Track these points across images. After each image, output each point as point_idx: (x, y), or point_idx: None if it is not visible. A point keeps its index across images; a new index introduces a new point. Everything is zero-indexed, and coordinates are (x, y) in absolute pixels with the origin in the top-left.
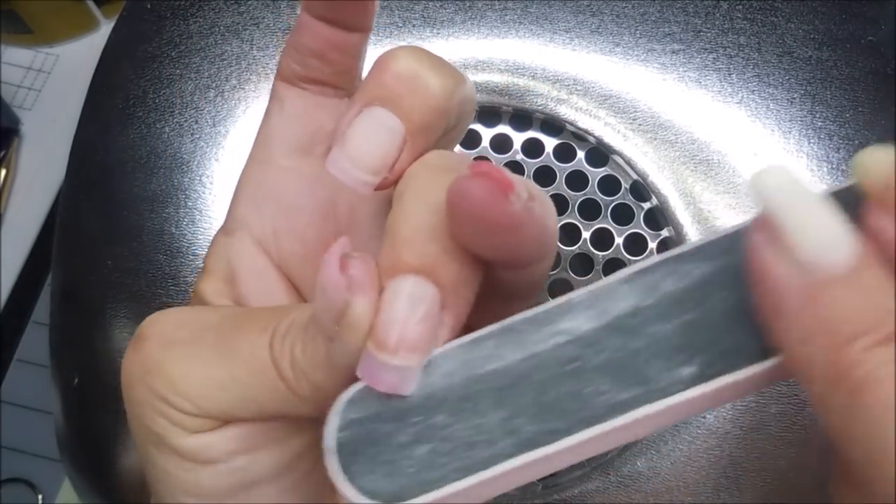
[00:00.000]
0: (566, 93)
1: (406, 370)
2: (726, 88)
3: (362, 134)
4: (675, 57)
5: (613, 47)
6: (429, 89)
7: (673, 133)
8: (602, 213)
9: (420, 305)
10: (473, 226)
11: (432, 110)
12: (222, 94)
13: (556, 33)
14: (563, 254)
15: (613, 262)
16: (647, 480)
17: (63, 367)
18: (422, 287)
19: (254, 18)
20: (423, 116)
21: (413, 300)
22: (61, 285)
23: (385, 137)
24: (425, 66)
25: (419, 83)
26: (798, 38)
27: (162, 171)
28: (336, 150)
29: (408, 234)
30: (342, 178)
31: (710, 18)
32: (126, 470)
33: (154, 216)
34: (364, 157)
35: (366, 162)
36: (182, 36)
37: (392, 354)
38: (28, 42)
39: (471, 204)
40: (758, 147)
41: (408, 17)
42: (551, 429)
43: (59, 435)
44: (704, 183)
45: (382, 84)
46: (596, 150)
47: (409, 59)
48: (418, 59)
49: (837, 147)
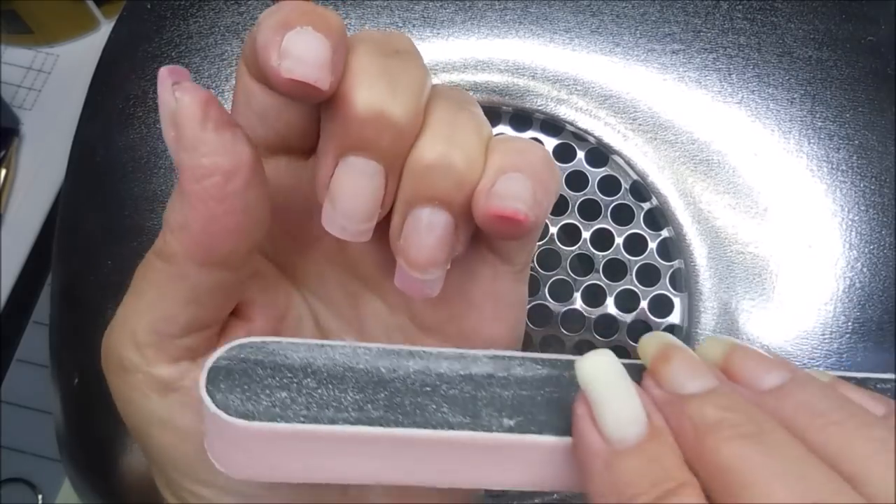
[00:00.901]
0: (566, 93)
1: (433, 280)
2: (726, 88)
3: (347, 189)
4: (675, 57)
5: (613, 47)
6: (396, 125)
7: (673, 133)
8: (602, 213)
9: (438, 230)
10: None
11: (404, 137)
12: (222, 94)
13: (556, 33)
14: (563, 254)
15: (613, 262)
16: None
17: (63, 367)
18: (438, 215)
19: (254, 18)
20: (397, 149)
21: (432, 226)
22: (61, 285)
23: (368, 185)
24: (386, 96)
25: (384, 122)
26: (798, 38)
27: (162, 171)
28: (328, 209)
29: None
30: (342, 235)
31: (710, 18)
32: (126, 470)
33: (154, 216)
34: (356, 212)
35: (358, 215)
36: (182, 36)
37: (422, 272)
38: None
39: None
40: (758, 147)
41: (408, 17)
42: (392, 419)
43: (59, 435)
44: (704, 183)
45: (349, 133)
46: (596, 150)
47: (368, 93)
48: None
49: (837, 147)
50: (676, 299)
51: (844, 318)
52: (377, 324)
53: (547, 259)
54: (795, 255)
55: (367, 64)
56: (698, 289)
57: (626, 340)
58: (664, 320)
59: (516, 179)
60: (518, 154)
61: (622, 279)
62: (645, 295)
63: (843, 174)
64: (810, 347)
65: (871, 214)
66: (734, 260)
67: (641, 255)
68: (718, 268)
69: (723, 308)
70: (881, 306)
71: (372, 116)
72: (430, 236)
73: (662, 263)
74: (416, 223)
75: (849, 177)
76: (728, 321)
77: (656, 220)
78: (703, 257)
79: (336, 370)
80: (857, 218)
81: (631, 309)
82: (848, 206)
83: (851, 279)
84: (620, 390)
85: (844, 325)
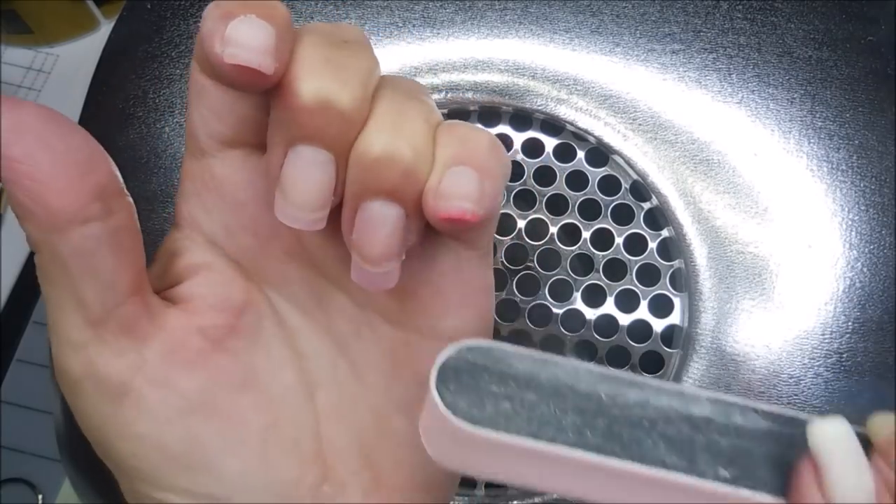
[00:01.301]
0: (566, 93)
1: (388, 273)
2: (726, 88)
3: (297, 179)
4: (675, 57)
5: (613, 47)
6: (344, 113)
7: (673, 133)
8: (602, 213)
9: (389, 223)
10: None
11: (351, 125)
12: None
13: (556, 33)
14: (563, 254)
15: (613, 262)
16: None
17: None
18: (388, 208)
19: None
20: (346, 137)
21: (383, 220)
22: None
23: (318, 174)
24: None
25: (331, 111)
26: (798, 38)
27: (162, 171)
28: (279, 200)
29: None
30: (295, 224)
31: (710, 18)
32: None
33: (154, 216)
34: (307, 201)
35: (310, 204)
36: (182, 36)
37: (376, 266)
38: (28, 42)
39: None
40: (758, 147)
41: (408, 17)
42: (609, 448)
43: (59, 435)
44: (704, 183)
45: (296, 122)
46: (596, 150)
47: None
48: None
49: (837, 147)
50: (676, 299)
51: (844, 318)
52: (344, 320)
53: (547, 259)
54: (795, 255)
55: (313, 53)
56: (698, 289)
57: (627, 340)
58: (664, 320)
59: (461, 174)
60: (462, 144)
61: (622, 279)
62: (645, 295)
63: (843, 174)
64: (810, 347)
65: (871, 214)
66: (734, 260)
67: (641, 255)
68: (718, 268)
69: (723, 308)
70: (881, 306)
71: (318, 105)
72: (381, 230)
73: (662, 263)
74: (367, 217)
75: (849, 177)
76: (728, 321)
77: (656, 220)
78: (703, 257)
79: (558, 388)
80: (857, 218)
81: (631, 309)
82: (848, 206)
83: (851, 279)
84: (855, 462)
85: (844, 325)
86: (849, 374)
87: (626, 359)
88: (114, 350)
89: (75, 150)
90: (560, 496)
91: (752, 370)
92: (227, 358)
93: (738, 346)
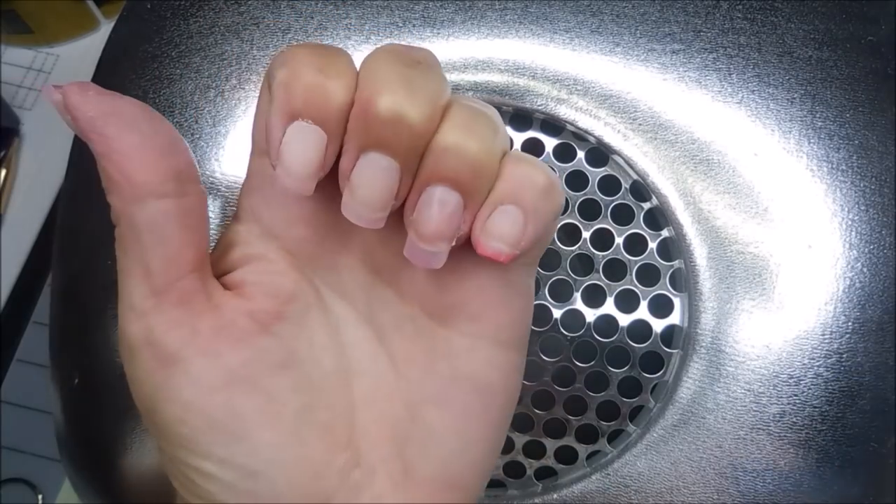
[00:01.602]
0: (566, 93)
1: (438, 253)
2: (726, 88)
3: (366, 181)
4: (675, 57)
5: (613, 47)
6: (413, 128)
7: (673, 133)
8: (602, 213)
9: (448, 207)
10: None
11: (421, 139)
12: (222, 94)
13: (556, 33)
14: (563, 254)
15: (613, 262)
16: (647, 480)
17: (63, 367)
18: (450, 194)
19: (254, 18)
20: (413, 149)
21: (444, 203)
22: (61, 285)
23: (385, 178)
24: (405, 101)
25: (402, 124)
26: (798, 38)
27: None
28: (347, 198)
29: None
30: (359, 222)
31: (710, 18)
32: (126, 470)
33: None
34: (373, 201)
35: (375, 204)
36: (182, 36)
37: (430, 244)
38: (28, 42)
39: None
40: (758, 147)
41: (408, 17)
42: None
43: (59, 435)
44: (704, 183)
45: (371, 132)
46: (596, 150)
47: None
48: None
49: (837, 147)
50: (676, 299)
51: (844, 318)
52: (387, 313)
53: (547, 259)
54: (795, 255)
55: (390, 71)
56: (698, 289)
57: (627, 341)
58: (664, 320)
59: (509, 215)
60: (518, 182)
61: (622, 279)
62: (645, 295)
63: (843, 174)
64: (810, 347)
65: (871, 214)
66: (734, 260)
67: (641, 255)
68: (718, 268)
69: (723, 308)
70: (881, 306)
71: (391, 118)
72: (440, 212)
73: (662, 263)
74: (429, 199)
75: (849, 177)
76: (728, 321)
77: (656, 220)
78: (703, 257)
79: None
80: (857, 218)
81: (631, 309)
82: (848, 206)
83: (851, 279)
84: None
85: (844, 325)
86: (849, 374)
87: (626, 359)
88: (171, 320)
89: (160, 135)
90: (560, 496)
91: (752, 370)
92: (272, 340)
93: (738, 346)
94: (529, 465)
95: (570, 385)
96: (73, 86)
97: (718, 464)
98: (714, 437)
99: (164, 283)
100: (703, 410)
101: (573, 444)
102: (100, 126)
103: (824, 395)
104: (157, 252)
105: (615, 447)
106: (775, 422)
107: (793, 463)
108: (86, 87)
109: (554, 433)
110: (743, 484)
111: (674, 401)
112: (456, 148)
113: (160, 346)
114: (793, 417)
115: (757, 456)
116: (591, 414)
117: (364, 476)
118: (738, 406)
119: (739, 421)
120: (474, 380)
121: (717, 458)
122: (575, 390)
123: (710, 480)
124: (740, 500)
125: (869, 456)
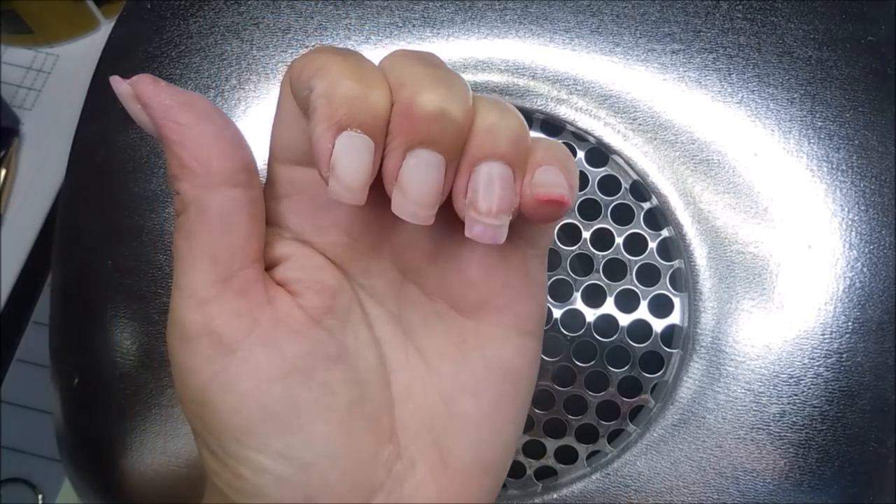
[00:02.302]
0: (566, 93)
1: (500, 227)
2: (726, 88)
3: (416, 178)
4: (675, 57)
5: (613, 47)
6: (457, 122)
7: (673, 133)
8: (602, 213)
9: (503, 179)
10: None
11: (462, 133)
12: (222, 94)
13: (556, 33)
14: (563, 254)
15: (613, 262)
16: (647, 480)
17: (63, 367)
18: (501, 168)
19: (254, 18)
20: (456, 143)
21: (500, 177)
22: (61, 285)
23: (434, 175)
24: (446, 97)
25: (447, 119)
26: (798, 38)
27: (162, 171)
28: (398, 197)
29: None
30: (412, 219)
31: (710, 18)
32: (126, 470)
33: (154, 216)
34: (425, 197)
35: (428, 200)
36: (182, 36)
37: (494, 217)
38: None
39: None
40: (758, 147)
41: (408, 17)
42: None
43: (59, 435)
44: (704, 183)
45: (417, 130)
46: (596, 150)
47: (432, 95)
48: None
49: (837, 147)
50: (676, 299)
51: (844, 318)
52: (414, 310)
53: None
54: (795, 255)
55: (423, 72)
56: (698, 289)
57: (627, 341)
58: (664, 320)
59: (552, 171)
60: (548, 150)
61: (622, 279)
62: (645, 295)
63: (843, 174)
64: (810, 347)
65: (871, 214)
66: (734, 260)
67: (641, 255)
68: (718, 268)
69: (723, 308)
70: (881, 306)
71: (437, 114)
72: (498, 185)
73: (662, 263)
74: (484, 176)
75: (849, 177)
76: (728, 321)
77: (656, 220)
78: (703, 257)
79: None
80: (857, 218)
81: (631, 309)
82: (848, 206)
83: (851, 279)
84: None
85: (844, 325)
86: (849, 373)
87: (626, 359)
88: (233, 309)
89: (230, 129)
90: (560, 496)
91: (752, 370)
92: (325, 333)
93: (738, 346)
94: (529, 464)
95: (570, 385)
96: (144, 76)
97: (718, 464)
98: (714, 436)
99: (228, 271)
100: (703, 410)
101: (573, 444)
102: (175, 114)
103: (824, 394)
104: (225, 240)
105: (615, 447)
106: (775, 422)
107: (793, 463)
108: (155, 79)
109: (554, 433)
110: (743, 484)
111: (674, 400)
112: (499, 126)
113: (220, 335)
114: (793, 417)
115: (757, 456)
116: (591, 414)
117: (405, 468)
118: (738, 406)
119: (739, 421)
120: (505, 368)
121: (717, 458)
122: (575, 390)
123: (710, 480)
124: (740, 500)
125: (869, 456)
